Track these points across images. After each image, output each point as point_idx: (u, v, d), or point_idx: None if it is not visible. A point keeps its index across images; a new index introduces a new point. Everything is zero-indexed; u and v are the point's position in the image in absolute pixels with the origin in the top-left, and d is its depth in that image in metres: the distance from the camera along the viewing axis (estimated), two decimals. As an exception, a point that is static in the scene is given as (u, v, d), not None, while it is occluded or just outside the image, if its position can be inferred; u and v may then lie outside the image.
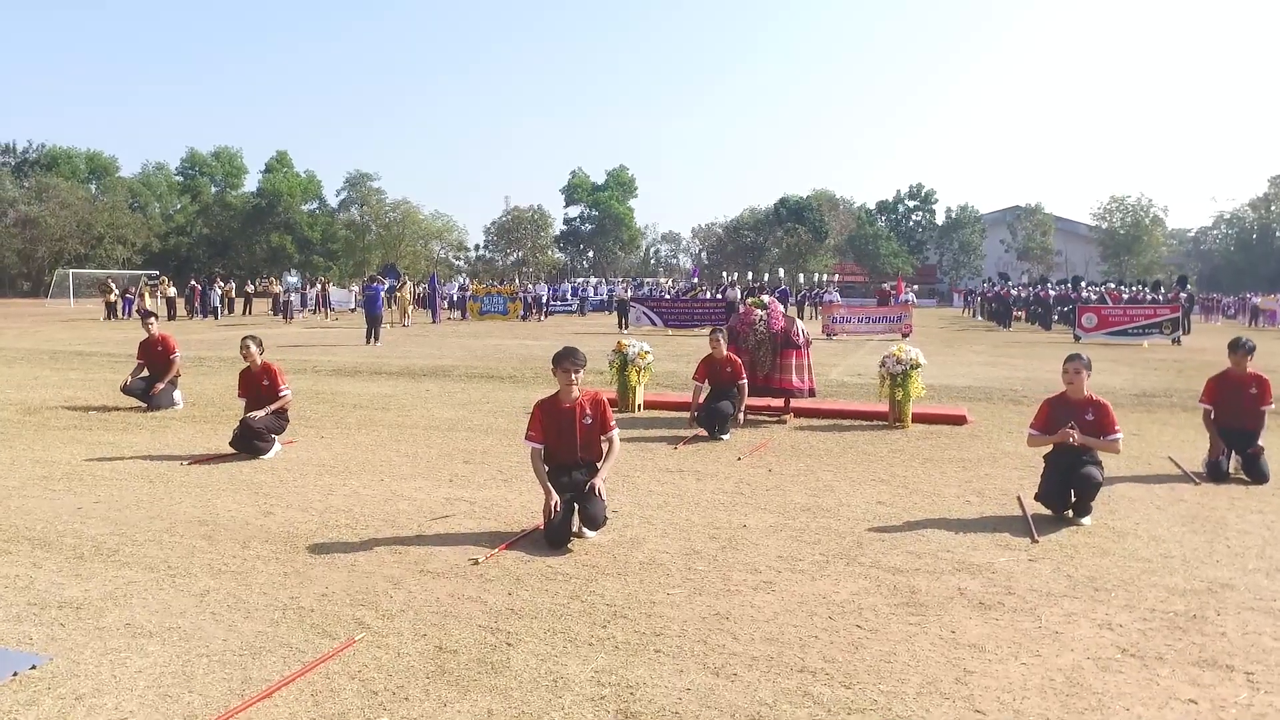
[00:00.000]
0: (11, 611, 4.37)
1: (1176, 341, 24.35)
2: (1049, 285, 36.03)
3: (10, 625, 4.20)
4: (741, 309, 11.58)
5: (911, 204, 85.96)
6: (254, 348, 8.53)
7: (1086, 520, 6.31)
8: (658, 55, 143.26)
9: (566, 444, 5.76)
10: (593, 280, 59.13)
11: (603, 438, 5.89)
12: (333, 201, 74.60)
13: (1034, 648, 4.17)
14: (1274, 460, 7.95)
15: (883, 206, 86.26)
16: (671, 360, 18.20)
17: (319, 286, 38.20)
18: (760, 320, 10.69)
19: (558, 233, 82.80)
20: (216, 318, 33.68)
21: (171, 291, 33.62)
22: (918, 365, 10.48)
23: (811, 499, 6.95)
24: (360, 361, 17.54)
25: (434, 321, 31.39)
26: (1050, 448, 6.64)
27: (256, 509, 6.39)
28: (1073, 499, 6.40)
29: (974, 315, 43.86)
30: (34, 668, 3.71)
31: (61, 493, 6.81)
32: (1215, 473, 7.78)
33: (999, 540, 5.89)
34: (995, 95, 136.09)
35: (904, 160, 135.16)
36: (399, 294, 28.63)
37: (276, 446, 8.26)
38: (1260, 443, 7.89)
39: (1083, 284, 34.59)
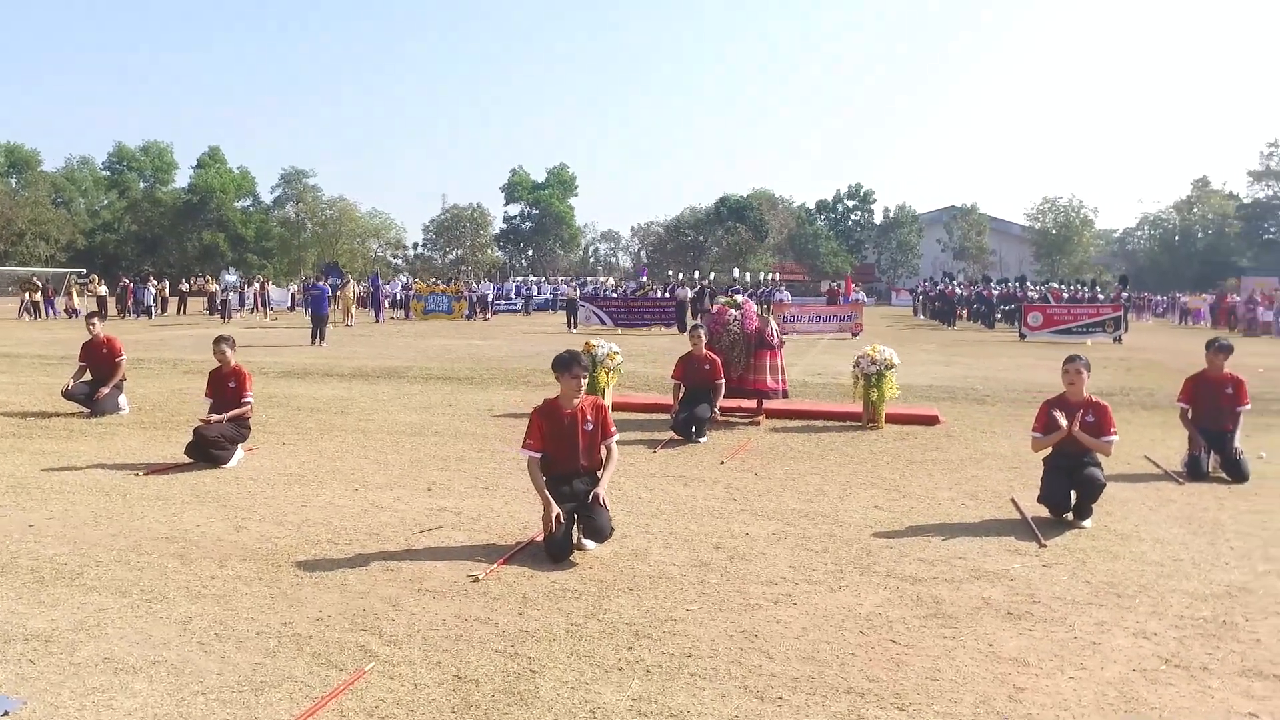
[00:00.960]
0: (-30, 646, 3.94)
1: (1118, 340, 24.90)
2: (992, 284, 36.63)
3: (-29, 662, 3.77)
4: (714, 308, 11.38)
5: (850, 204, 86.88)
6: (227, 350, 8.06)
7: (1087, 523, 6.24)
8: (598, 53, 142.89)
9: (568, 452, 5.47)
10: (532, 279, 58.52)
11: (603, 444, 5.61)
12: (267, 199, 72.76)
13: (1077, 660, 4.02)
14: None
15: (822, 206, 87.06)
16: (626, 360, 17.94)
17: (258, 285, 37.05)
18: (734, 320, 10.50)
19: (497, 231, 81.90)
20: (150, 317, 32.41)
21: (102, 290, 32.25)
22: (892, 365, 10.40)
23: (807, 504, 6.77)
24: (309, 363, 16.94)
25: (377, 321, 30.66)
26: (1049, 450, 6.55)
27: (228, 523, 5.97)
28: (1073, 501, 6.32)
29: (916, 314, 44.44)
30: (6, 714, 3.31)
31: (8, 508, 6.30)
32: (1195, 471, 7.80)
33: (1007, 545, 5.77)
34: (932, 97, 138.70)
35: (843, 160, 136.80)
36: (342, 293, 27.87)
37: (238, 454, 7.81)
38: (1237, 443, 7.94)
39: (1027, 283, 35.24)
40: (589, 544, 5.44)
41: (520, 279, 55.65)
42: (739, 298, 11.01)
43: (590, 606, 4.54)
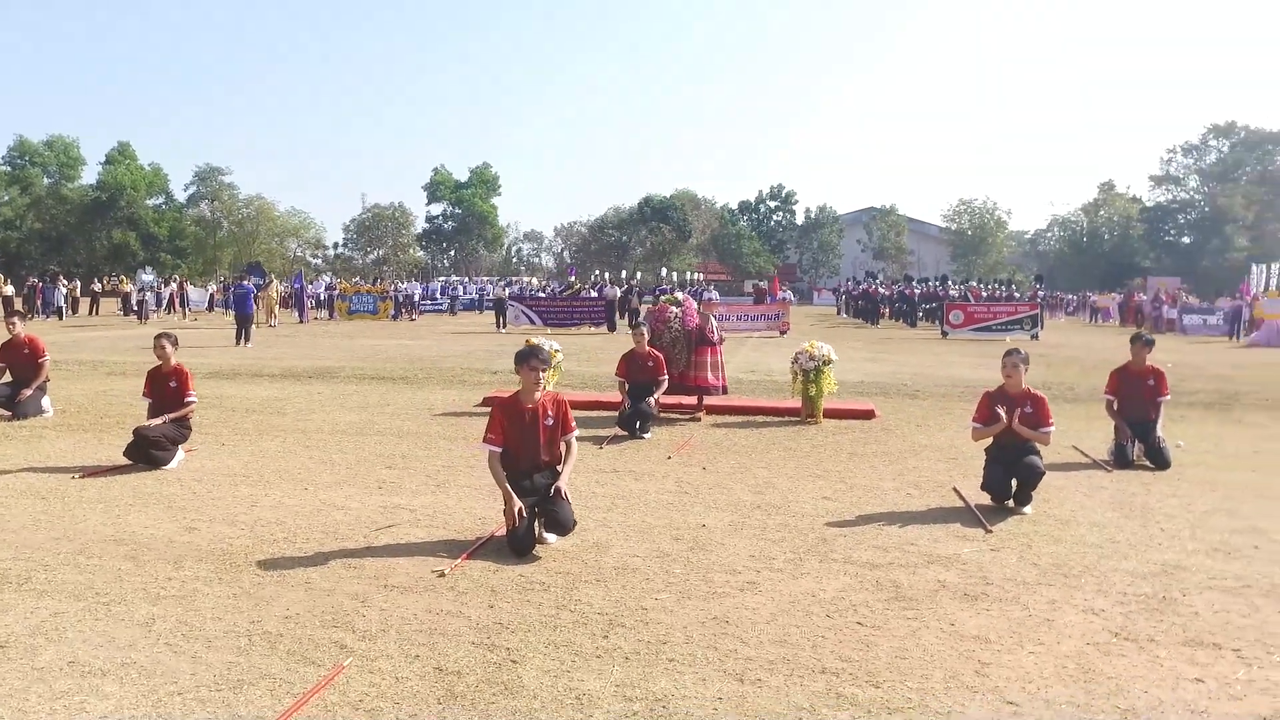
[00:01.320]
0: (-79, 654, 3.77)
1: (1035, 337, 25.81)
2: (913, 284, 37.60)
3: (-76, 670, 3.62)
4: (655, 306, 11.46)
5: (773, 204, 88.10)
6: (169, 346, 7.82)
7: (1028, 509, 6.49)
8: (521, 52, 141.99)
9: (528, 446, 5.48)
10: (454, 278, 57.88)
11: (563, 439, 5.63)
12: (181, 197, 70.32)
13: (1034, 636, 4.20)
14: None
15: (745, 207, 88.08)
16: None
17: (175, 285, 35.83)
18: (675, 318, 10.60)
19: (420, 231, 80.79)
20: (61, 318, 31.09)
21: (8, 290, 30.79)
22: (830, 361, 10.63)
23: (757, 496, 6.89)
24: (236, 364, 16.51)
25: (301, 321, 29.99)
26: (990, 441, 6.80)
27: (177, 525, 5.81)
28: (1014, 489, 6.57)
29: (839, 313, 45.31)
30: (-28, 719, 3.20)
31: (-64, 514, 6.03)
32: (1121, 459, 8.18)
33: (954, 531, 5.98)
34: (852, 99, 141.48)
35: (765, 161, 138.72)
36: (265, 294, 27.17)
37: (179, 455, 7.60)
38: (1159, 432, 8.35)
39: (949, 282, 36.26)
40: (550, 537, 5.46)
41: (444, 279, 54.99)
42: (679, 295, 11.11)
43: (560, 598, 4.57)
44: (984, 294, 32.74)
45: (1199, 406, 12.42)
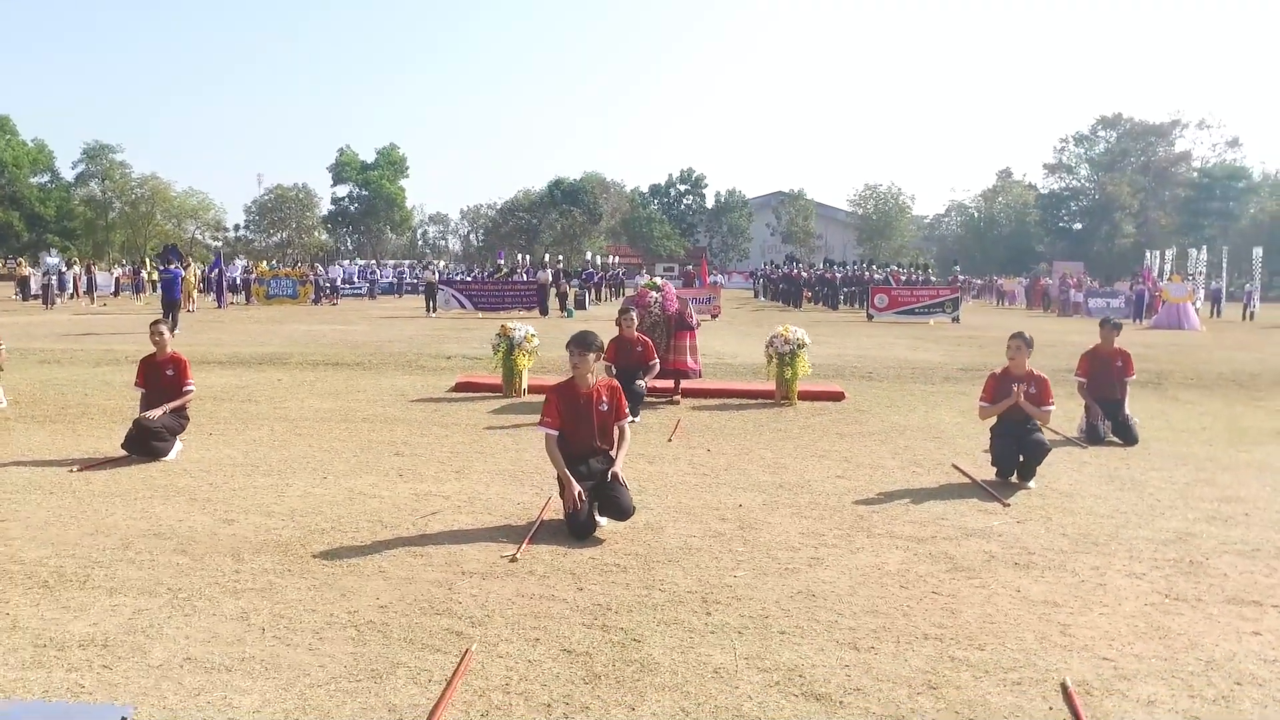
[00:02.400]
0: (20, 656, 3.63)
1: (956, 320, 26.81)
2: (835, 267, 38.49)
3: (35, 672, 3.48)
4: (636, 291, 11.54)
5: (683, 188, 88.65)
6: (167, 333, 7.53)
7: (1032, 483, 6.85)
8: (428, 32, 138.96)
9: (584, 431, 5.52)
10: (361, 262, 56.42)
11: (616, 425, 5.70)
12: (68, 175, 66.62)
13: (1095, 599, 4.49)
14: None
15: (655, 190, 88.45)
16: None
17: (82, 269, 34.02)
18: (655, 302, 10.71)
19: (325, 213, 78.55)
20: (-54, 304, 29.25)
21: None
22: (804, 345, 10.90)
23: (774, 476, 7.08)
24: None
25: (219, 306, 28.93)
26: (995, 419, 7.13)
27: (211, 517, 5.66)
28: (1020, 464, 6.92)
29: (757, 296, 46.04)
30: None
31: (-59, 512, 5.71)
32: (1094, 437, 8.66)
33: (975, 506, 6.27)
34: (760, 83, 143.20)
35: (674, 145, 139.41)
36: (183, 277, 26.02)
37: (177, 446, 7.35)
38: (1126, 410, 8.87)
39: (873, 266, 37.24)
40: (603, 521, 5.52)
41: (364, 262, 53.64)
42: (658, 280, 11.22)
43: (643, 578, 4.65)
44: (903, 278, 33.75)
45: (1134, 385, 13.14)
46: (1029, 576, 4.82)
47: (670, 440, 8.49)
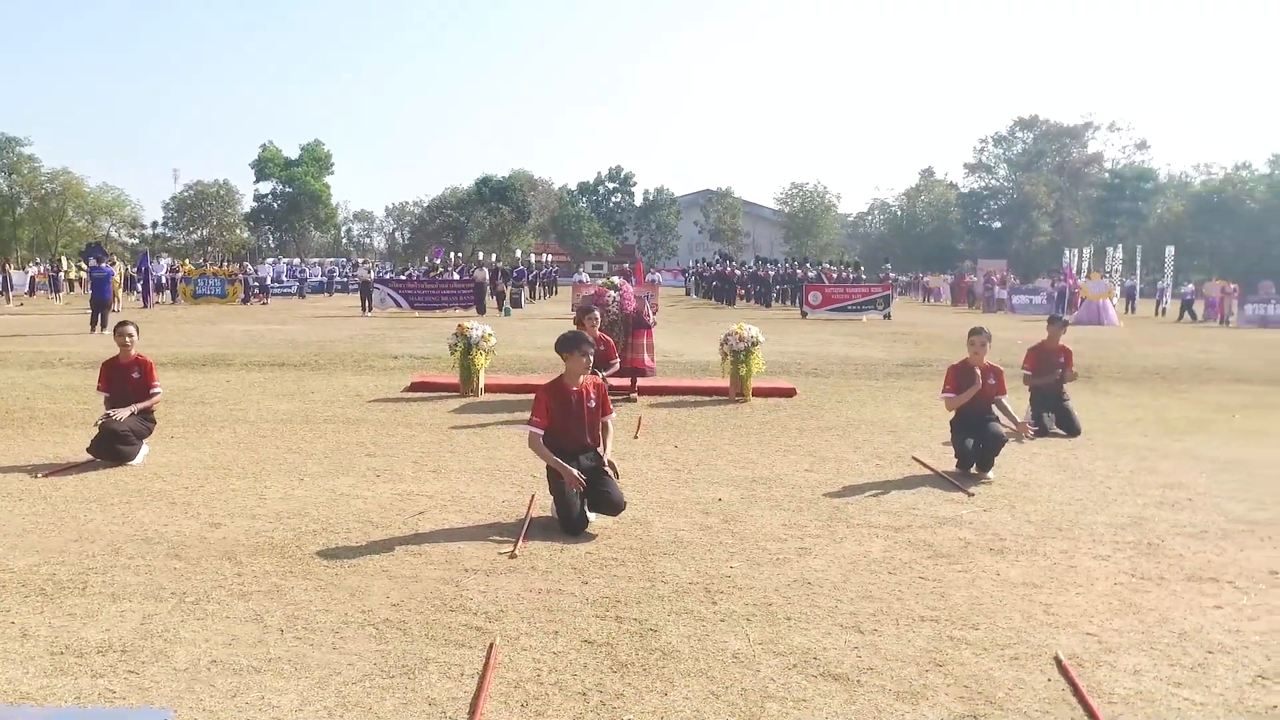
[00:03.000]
0: (39, 664, 3.59)
1: (887, 316, 27.52)
2: (768, 265, 39.06)
3: (59, 679, 3.46)
4: (594, 290, 11.64)
5: (611, 186, 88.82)
6: (134, 335, 7.38)
7: (990, 474, 7.17)
8: (351, 28, 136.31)
9: (575, 428, 5.63)
10: (287, 261, 55.19)
11: (603, 420, 5.83)
12: (-31, 169, 63.44)
13: (1069, 580, 4.79)
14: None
15: (584, 188, 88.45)
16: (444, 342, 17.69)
17: (-5, 268, 32.64)
18: (614, 301, 10.84)
19: (247, 210, 76.52)
20: None
21: None
22: (758, 343, 11.15)
23: (745, 471, 7.28)
24: (105, 353, 15.38)
25: (145, 306, 28.03)
26: (955, 414, 7.44)
27: (196, 521, 5.61)
28: (977, 452, 7.24)
29: (689, 294, 46.43)
30: (162, 722, 3.14)
31: (-92, 522, 5.55)
32: (1041, 428, 9.07)
33: (942, 496, 6.56)
34: (688, 82, 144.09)
35: (603, 143, 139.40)
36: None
37: (144, 450, 7.22)
38: (1068, 402, 9.32)
39: (807, 264, 37.89)
40: (591, 516, 5.63)
41: (294, 261, 52.43)
42: (616, 280, 11.34)
43: (644, 571, 4.79)
44: (835, 275, 34.48)
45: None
46: (1005, 561, 5.10)
47: (635, 437, 8.63)
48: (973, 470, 7.24)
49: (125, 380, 7.31)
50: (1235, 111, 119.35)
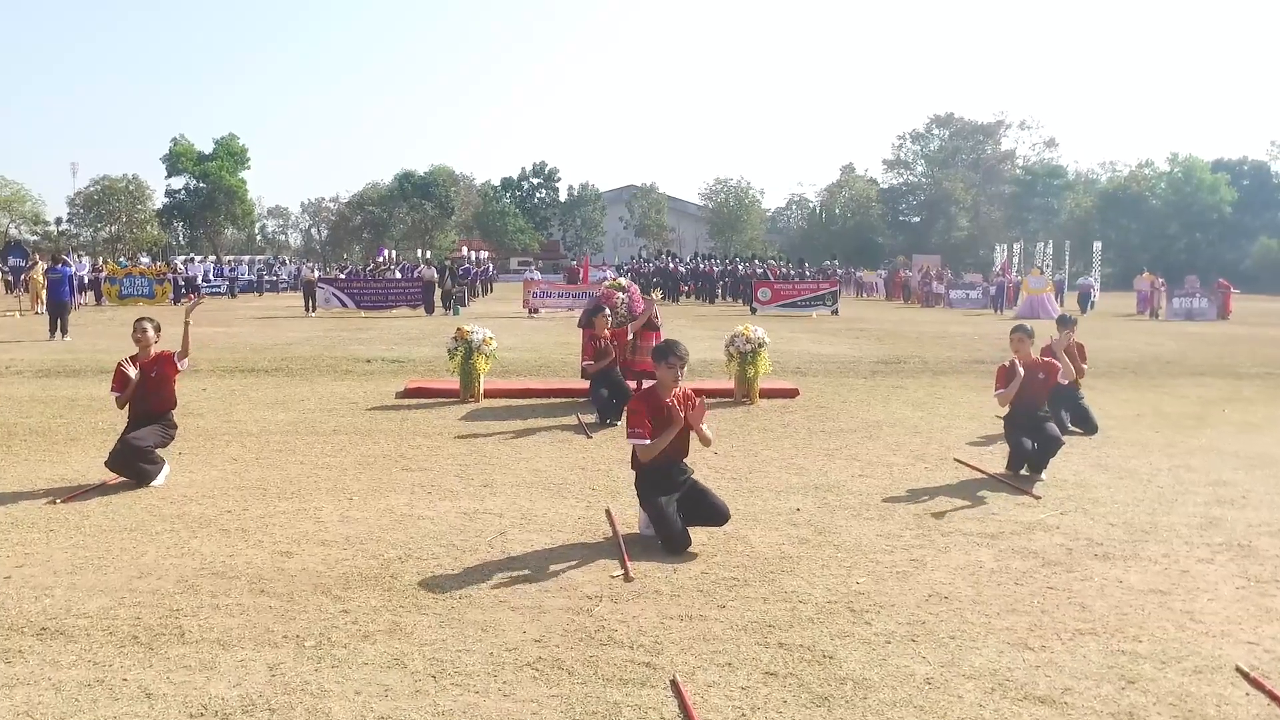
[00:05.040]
0: (185, 726, 3.22)
1: (835, 312, 27.79)
2: (713, 261, 39.11)
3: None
4: (601, 292, 11.35)
5: (535, 181, 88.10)
6: (152, 332, 6.82)
7: (1044, 475, 7.16)
8: (265, 20, 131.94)
9: (672, 441, 5.39)
10: (205, 258, 53.10)
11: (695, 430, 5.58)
12: None
13: (1191, 585, 4.77)
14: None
15: (507, 184, 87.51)
16: (406, 343, 17.18)
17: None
18: (622, 303, 10.58)
19: (159, 205, 73.42)
20: None
21: None
22: (764, 344, 11.02)
23: (799, 478, 7.14)
24: (67, 359, 14.48)
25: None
26: (1008, 411, 7.42)
27: (261, 550, 5.18)
28: (1032, 453, 7.21)
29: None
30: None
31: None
32: (1060, 426, 9.14)
33: (1012, 500, 6.52)
34: (611, 77, 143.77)
35: (526, 138, 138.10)
36: (30, 277, 23.72)
37: (166, 470, 6.70)
38: (1084, 400, 9.44)
39: (755, 260, 38.03)
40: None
41: (216, 259, 50.37)
42: (623, 280, 11.06)
43: (774, 591, 4.59)
44: (781, 271, 34.70)
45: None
46: (1117, 567, 5.05)
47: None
48: (1023, 471, 7.22)
49: (144, 380, 6.73)
50: (1138, 111, 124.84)
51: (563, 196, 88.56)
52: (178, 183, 71.73)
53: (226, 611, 4.28)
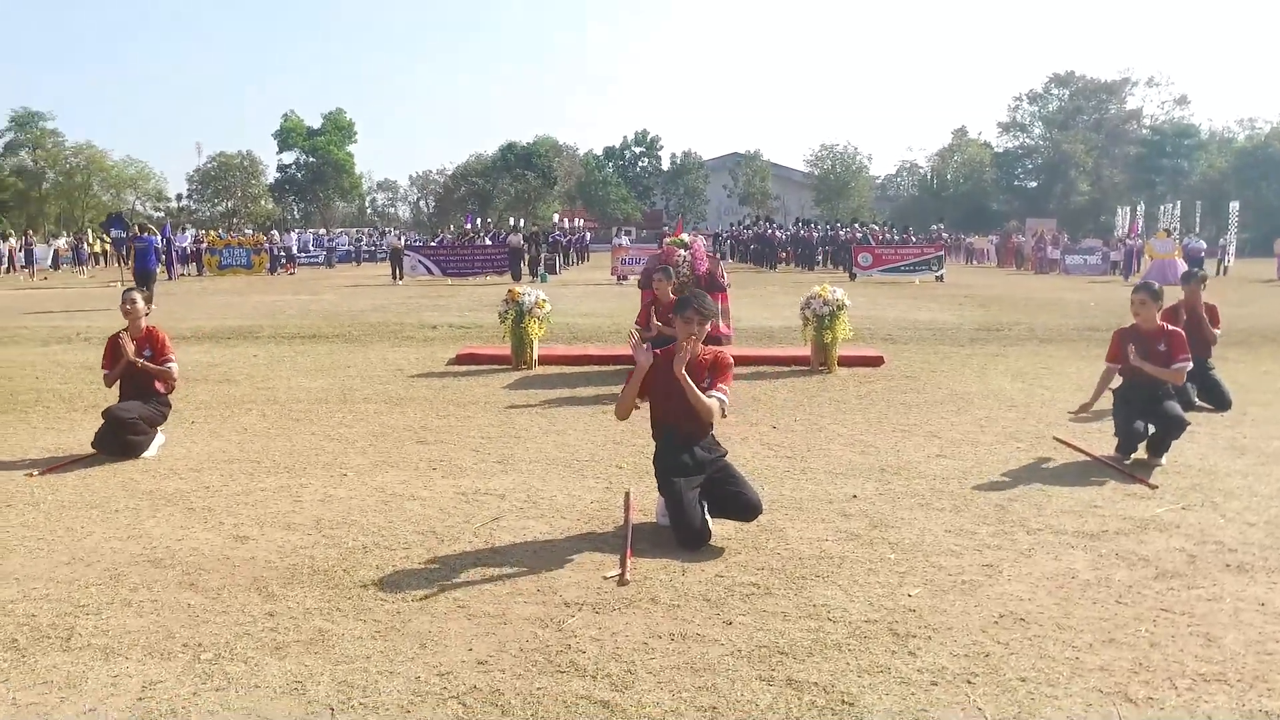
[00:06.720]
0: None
1: (940, 278, 26.09)
2: (811, 226, 37.56)
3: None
4: (662, 250, 10.47)
5: (638, 150, 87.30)
6: (141, 303, 6.33)
7: (1163, 459, 5.94)
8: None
9: (680, 408, 4.48)
10: (315, 231, 54.19)
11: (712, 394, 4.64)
12: (-6, 145, 62.78)
13: (1362, 613, 3.60)
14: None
15: (610, 153, 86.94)
16: (482, 310, 16.61)
17: (14, 241, 31.73)
18: (684, 261, 9.64)
19: (271, 180, 75.68)
20: None
21: None
22: (843, 306, 9.94)
23: (866, 457, 6.13)
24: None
25: (170, 278, 27.10)
26: (1119, 382, 6.23)
27: (217, 533, 4.53)
28: (1147, 436, 6.01)
29: (725, 258, 45.04)
30: None
31: None
32: (1185, 401, 7.81)
33: (1118, 490, 5.37)
34: (715, 44, 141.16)
35: (628, 107, 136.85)
36: (130, 246, 24.20)
37: (158, 440, 6.17)
38: (1214, 371, 8.07)
39: (856, 225, 36.42)
40: (712, 524, 4.50)
41: (317, 231, 51.42)
42: (686, 237, 10.12)
43: (800, 605, 3.65)
44: (884, 236, 32.97)
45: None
46: (1255, 583, 3.91)
47: (724, 416, 7.46)
48: (1137, 456, 6.03)
49: (138, 358, 6.22)
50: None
51: (665, 165, 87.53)
52: (288, 158, 73.60)
53: (137, 610, 3.61)
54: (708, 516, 4.40)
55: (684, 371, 4.43)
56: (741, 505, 4.38)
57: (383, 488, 5.33)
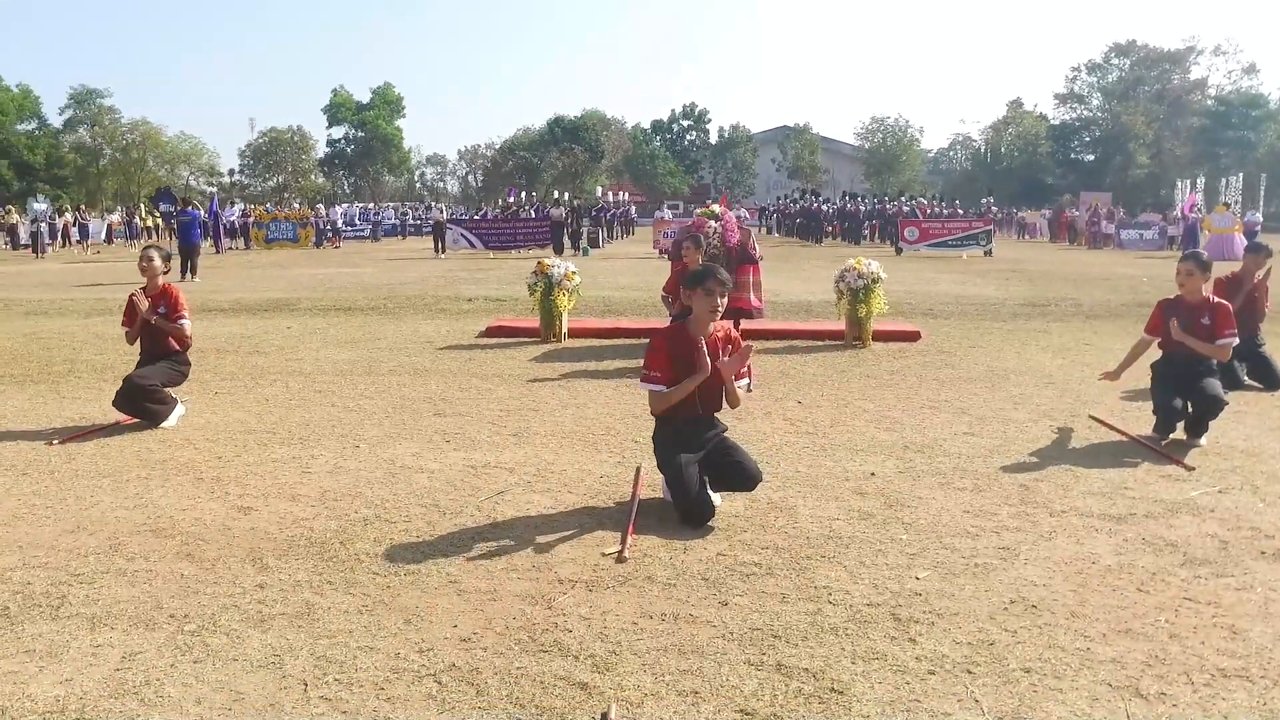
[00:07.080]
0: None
1: (989, 253, 25.51)
2: (860, 200, 36.98)
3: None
4: (692, 220, 10.29)
5: (686, 124, 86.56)
6: (158, 260, 6.34)
7: (1203, 440, 5.69)
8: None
9: (703, 389, 4.35)
10: (360, 205, 54.68)
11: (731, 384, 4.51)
12: (56, 121, 64.29)
13: (1406, 607, 3.36)
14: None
15: (657, 126, 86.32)
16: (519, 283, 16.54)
17: (69, 216, 32.52)
18: (714, 232, 9.44)
19: (321, 155, 76.50)
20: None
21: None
22: (879, 279, 9.70)
23: (891, 434, 5.94)
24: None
25: (217, 251, 27.59)
26: (1159, 355, 5.96)
27: (222, 504, 4.52)
28: (1189, 416, 5.74)
29: (771, 232, 44.58)
30: None
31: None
32: (1232, 380, 7.46)
33: (1152, 471, 5.13)
34: (764, 15, 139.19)
35: (676, 80, 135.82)
36: (201, 220, 24.60)
37: (179, 410, 6.19)
38: (1264, 348, 7.72)
39: (902, 198, 35.79)
40: (717, 499, 4.39)
41: (365, 205, 51.98)
42: (717, 208, 9.92)
43: (801, 586, 3.52)
44: (930, 210, 32.34)
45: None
46: (1293, 571, 3.69)
47: (749, 390, 7.32)
48: (1174, 435, 5.76)
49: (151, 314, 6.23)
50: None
51: (713, 139, 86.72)
52: (338, 132, 74.30)
53: (131, 580, 3.59)
54: (710, 492, 4.28)
55: (716, 351, 4.34)
56: (740, 473, 4.26)
57: (393, 459, 5.29)
